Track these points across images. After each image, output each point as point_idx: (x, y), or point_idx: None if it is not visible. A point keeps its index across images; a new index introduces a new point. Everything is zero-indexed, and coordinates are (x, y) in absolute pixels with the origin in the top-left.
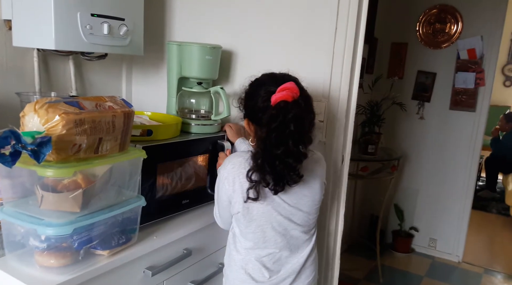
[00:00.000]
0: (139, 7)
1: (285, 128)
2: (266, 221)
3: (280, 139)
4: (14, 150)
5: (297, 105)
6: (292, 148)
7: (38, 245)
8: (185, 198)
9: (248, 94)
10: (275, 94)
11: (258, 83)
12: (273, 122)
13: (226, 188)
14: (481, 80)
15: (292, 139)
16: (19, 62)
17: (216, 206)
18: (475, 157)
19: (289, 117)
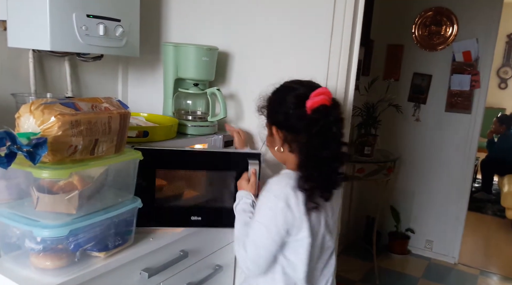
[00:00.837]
0: (135, 8)
1: (328, 131)
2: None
3: (324, 143)
4: (9, 151)
5: (336, 108)
6: (337, 150)
7: (33, 246)
8: (196, 215)
9: (275, 101)
10: (310, 99)
11: (286, 89)
12: (314, 126)
13: (285, 217)
14: (477, 82)
15: (335, 142)
16: (14, 63)
17: (254, 246)
18: (470, 158)
19: (331, 120)
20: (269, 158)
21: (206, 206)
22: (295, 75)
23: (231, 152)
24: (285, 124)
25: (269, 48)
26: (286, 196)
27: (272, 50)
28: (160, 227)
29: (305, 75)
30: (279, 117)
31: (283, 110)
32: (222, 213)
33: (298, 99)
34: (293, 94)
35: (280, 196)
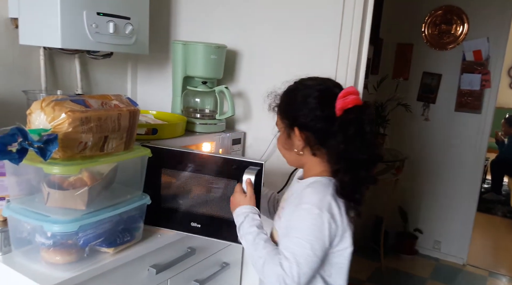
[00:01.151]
0: (144, 6)
1: (364, 132)
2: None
3: (361, 145)
4: (21, 147)
5: (368, 107)
6: (373, 151)
7: (44, 241)
8: (196, 221)
9: (295, 100)
10: (340, 99)
11: (308, 87)
12: (350, 128)
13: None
14: (487, 82)
15: (370, 143)
16: (25, 61)
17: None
18: (480, 159)
19: (365, 120)
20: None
21: (206, 214)
22: (304, 74)
23: (239, 160)
24: (311, 126)
25: (278, 46)
26: (329, 205)
27: (280, 49)
28: (162, 227)
29: (313, 73)
30: (303, 119)
31: (307, 110)
32: (222, 224)
33: (325, 99)
34: (319, 94)
35: (323, 207)
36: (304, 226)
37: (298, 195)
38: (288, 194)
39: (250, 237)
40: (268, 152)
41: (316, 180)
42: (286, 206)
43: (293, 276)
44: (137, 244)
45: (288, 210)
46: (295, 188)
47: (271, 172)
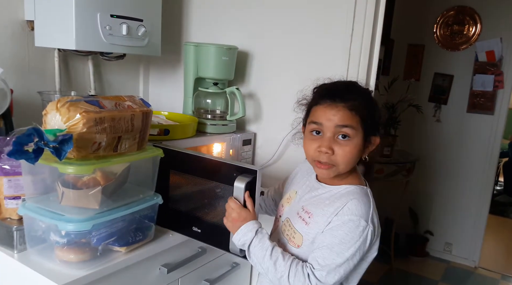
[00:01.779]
0: (157, 9)
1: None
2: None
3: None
4: (37, 147)
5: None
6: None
7: (58, 240)
8: (197, 226)
9: (375, 109)
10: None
11: (368, 92)
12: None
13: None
14: (500, 83)
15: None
16: (40, 62)
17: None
18: (493, 161)
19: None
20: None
21: (208, 220)
22: (315, 75)
23: (237, 166)
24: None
25: (289, 47)
26: (372, 216)
27: (291, 50)
28: (168, 229)
29: (325, 74)
30: (376, 125)
31: (378, 115)
32: (221, 232)
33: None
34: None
35: (369, 219)
36: (349, 238)
37: (332, 202)
38: (309, 195)
39: (267, 252)
40: (279, 152)
41: (357, 190)
42: (315, 211)
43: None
44: (148, 243)
45: (322, 218)
46: (320, 191)
47: (282, 172)
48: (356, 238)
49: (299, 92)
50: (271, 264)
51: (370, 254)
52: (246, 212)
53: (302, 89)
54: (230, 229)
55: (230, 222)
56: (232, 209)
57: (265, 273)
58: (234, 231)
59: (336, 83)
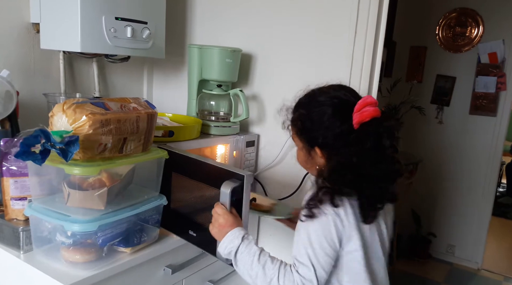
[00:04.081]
0: (161, 11)
1: (380, 146)
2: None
3: (379, 159)
4: (44, 148)
5: (387, 119)
6: (388, 167)
7: (64, 240)
8: (193, 230)
9: (311, 118)
10: (357, 112)
11: (321, 103)
12: (368, 141)
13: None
14: (503, 84)
15: (387, 158)
16: (46, 64)
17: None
18: (495, 162)
19: (385, 133)
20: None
21: (201, 225)
22: (318, 77)
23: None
24: (331, 144)
25: (292, 50)
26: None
27: (295, 52)
28: (169, 231)
29: (328, 76)
30: (322, 139)
31: (325, 130)
32: (209, 236)
33: (341, 113)
34: (333, 109)
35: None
36: (311, 229)
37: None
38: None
39: (254, 257)
40: (282, 154)
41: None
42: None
43: (311, 279)
44: (153, 244)
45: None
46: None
47: (285, 174)
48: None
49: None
50: (260, 268)
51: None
52: (233, 218)
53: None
54: (216, 236)
55: (217, 228)
56: (219, 214)
57: (253, 280)
58: (220, 238)
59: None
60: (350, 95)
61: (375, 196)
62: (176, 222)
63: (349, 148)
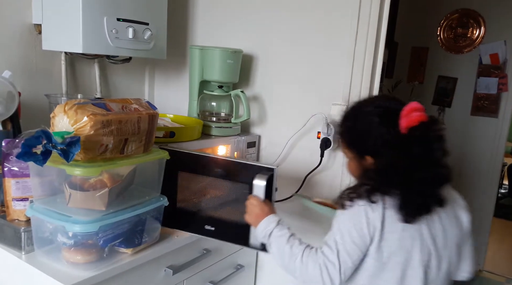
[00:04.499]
0: (162, 12)
1: (431, 150)
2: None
3: (428, 163)
4: (45, 149)
5: (435, 123)
6: (435, 171)
7: (65, 241)
8: (210, 224)
9: (359, 131)
10: (406, 117)
11: (366, 114)
12: (417, 146)
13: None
14: (504, 85)
15: (439, 161)
16: (47, 65)
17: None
18: (497, 163)
19: (434, 137)
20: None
21: (219, 217)
22: (319, 77)
23: (246, 163)
24: (382, 152)
25: (293, 50)
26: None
27: (295, 53)
28: (177, 229)
29: (329, 77)
30: (372, 147)
31: (374, 138)
32: (235, 228)
33: (388, 121)
34: (380, 119)
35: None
36: (343, 217)
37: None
38: None
39: (285, 238)
40: (283, 155)
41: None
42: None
43: (334, 262)
44: (154, 245)
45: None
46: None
47: (286, 174)
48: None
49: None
50: (288, 247)
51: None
52: (267, 207)
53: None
54: (253, 223)
55: (253, 217)
56: (254, 205)
57: (282, 260)
58: (256, 224)
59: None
60: (394, 103)
61: (420, 198)
62: (187, 220)
63: (398, 152)
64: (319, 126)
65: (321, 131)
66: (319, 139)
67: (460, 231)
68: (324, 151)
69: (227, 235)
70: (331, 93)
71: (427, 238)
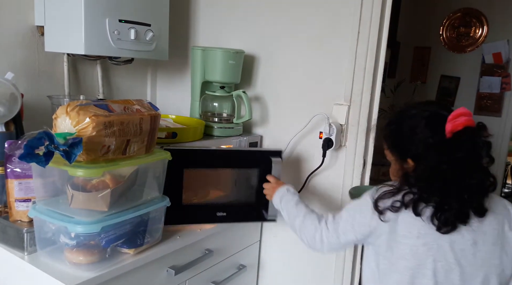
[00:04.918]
0: (164, 13)
1: (477, 156)
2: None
3: (472, 167)
4: (47, 150)
5: (483, 129)
6: (482, 178)
7: (68, 242)
8: (222, 211)
9: (403, 134)
10: (452, 122)
11: (412, 117)
12: (461, 151)
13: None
14: (507, 84)
15: (483, 168)
16: (50, 67)
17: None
18: (500, 163)
19: (481, 142)
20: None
21: (231, 202)
22: (321, 78)
23: (255, 150)
24: (425, 156)
25: (295, 51)
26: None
27: (297, 53)
28: (188, 224)
29: (331, 77)
30: (415, 150)
31: (418, 141)
32: (245, 208)
33: (434, 125)
34: (426, 122)
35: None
36: (354, 203)
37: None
38: None
39: (294, 202)
40: (285, 155)
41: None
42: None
43: (330, 230)
44: (156, 245)
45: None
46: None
47: (288, 174)
48: (355, 202)
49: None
50: (294, 208)
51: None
52: (281, 182)
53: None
54: (270, 196)
55: (271, 190)
56: (272, 182)
57: (291, 222)
58: (273, 195)
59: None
60: (441, 107)
61: (458, 206)
62: (195, 212)
63: (440, 157)
64: (321, 127)
65: (323, 132)
66: (321, 139)
67: (501, 249)
68: (326, 151)
69: (241, 216)
70: (333, 93)
71: (448, 250)
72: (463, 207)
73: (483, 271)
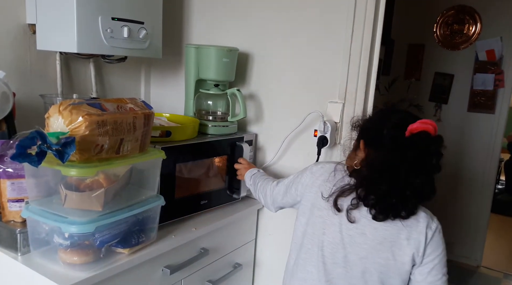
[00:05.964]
0: (157, 11)
1: (425, 160)
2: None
3: (418, 171)
4: (40, 150)
5: (439, 141)
6: (425, 182)
7: (62, 242)
8: (204, 199)
9: (373, 120)
10: (414, 124)
11: (390, 111)
12: (412, 150)
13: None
14: (501, 81)
15: (426, 174)
16: (42, 65)
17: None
18: (494, 159)
19: (434, 150)
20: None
21: (211, 189)
22: (315, 75)
23: (226, 139)
24: (376, 141)
25: (289, 48)
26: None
27: (292, 51)
28: (179, 217)
29: (325, 74)
30: (371, 133)
31: (378, 128)
32: (224, 191)
33: (399, 125)
34: (396, 117)
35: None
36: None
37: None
38: None
39: (258, 176)
40: (280, 153)
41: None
42: None
43: (277, 184)
44: (151, 244)
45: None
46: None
47: (282, 172)
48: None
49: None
50: (261, 181)
51: (299, 210)
52: (252, 164)
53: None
54: (242, 175)
55: (243, 171)
56: (243, 164)
57: (255, 191)
58: (244, 174)
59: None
60: (412, 115)
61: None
62: (185, 206)
63: (392, 153)
64: (315, 125)
65: (318, 130)
66: (316, 137)
67: (387, 251)
68: (320, 149)
69: (221, 199)
70: (327, 91)
71: (336, 230)
72: (401, 202)
73: (364, 263)
